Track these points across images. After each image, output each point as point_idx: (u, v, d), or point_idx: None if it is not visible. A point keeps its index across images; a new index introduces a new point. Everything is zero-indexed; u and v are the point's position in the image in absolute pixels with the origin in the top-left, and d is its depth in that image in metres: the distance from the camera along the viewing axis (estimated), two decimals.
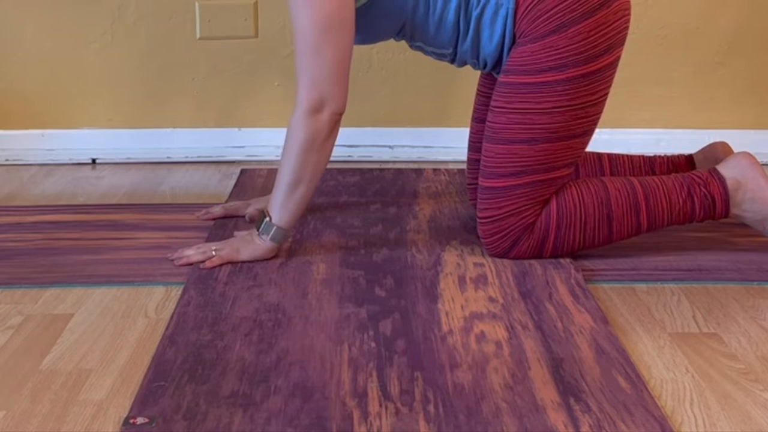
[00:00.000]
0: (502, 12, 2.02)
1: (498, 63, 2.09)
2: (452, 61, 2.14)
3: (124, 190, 2.66)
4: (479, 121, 2.29)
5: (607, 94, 2.07)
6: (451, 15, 2.04)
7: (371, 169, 2.80)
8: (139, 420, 1.47)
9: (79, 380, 1.60)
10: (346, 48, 1.98)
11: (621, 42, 2.06)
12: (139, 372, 1.63)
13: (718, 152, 2.31)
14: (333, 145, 2.03)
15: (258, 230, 2.06)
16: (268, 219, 2.05)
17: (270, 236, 2.05)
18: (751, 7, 2.85)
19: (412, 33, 2.10)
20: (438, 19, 2.05)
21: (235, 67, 2.88)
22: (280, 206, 2.04)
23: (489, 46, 2.07)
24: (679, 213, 2.10)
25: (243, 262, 2.06)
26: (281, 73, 2.87)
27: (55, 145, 2.90)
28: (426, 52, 2.15)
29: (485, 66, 2.12)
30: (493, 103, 2.08)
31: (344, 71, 1.99)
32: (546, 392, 1.55)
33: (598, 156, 2.35)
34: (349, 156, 2.91)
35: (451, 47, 2.09)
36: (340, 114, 2.00)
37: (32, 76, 2.87)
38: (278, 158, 2.06)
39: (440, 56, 2.14)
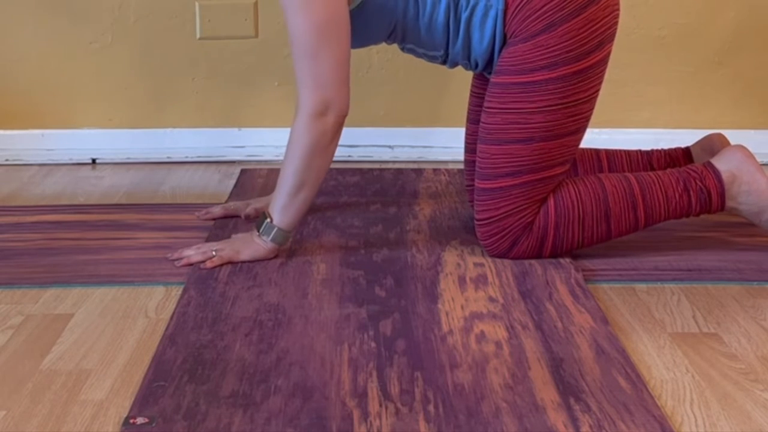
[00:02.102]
0: (491, 13, 2.03)
1: (489, 63, 2.10)
2: (444, 62, 2.14)
3: (124, 190, 2.66)
4: (474, 122, 2.29)
5: (598, 90, 2.07)
6: (440, 17, 2.04)
7: (371, 169, 2.80)
8: (139, 420, 1.47)
9: (79, 380, 1.60)
10: (345, 49, 1.98)
11: (611, 38, 2.07)
12: (139, 372, 1.63)
13: (714, 144, 2.31)
14: (336, 147, 2.03)
15: (258, 231, 2.06)
16: (269, 221, 2.05)
17: (271, 237, 2.05)
18: (751, 7, 2.85)
19: (403, 35, 2.09)
20: (428, 21, 2.05)
21: (235, 67, 2.88)
22: (282, 208, 2.04)
23: (480, 47, 2.07)
24: (676, 207, 2.10)
25: (243, 262, 2.06)
26: (281, 73, 2.87)
27: (55, 145, 2.90)
28: (417, 54, 2.15)
29: (476, 66, 2.12)
30: (486, 104, 2.08)
31: (345, 72, 1.99)
32: (546, 392, 1.55)
33: (596, 152, 2.35)
34: (349, 156, 2.91)
35: (442, 49, 2.09)
36: (345, 116, 2.01)
37: (32, 76, 2.87)
38: (278, 158, 2.07)
39: (432, 58, 2.14)
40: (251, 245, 2.06)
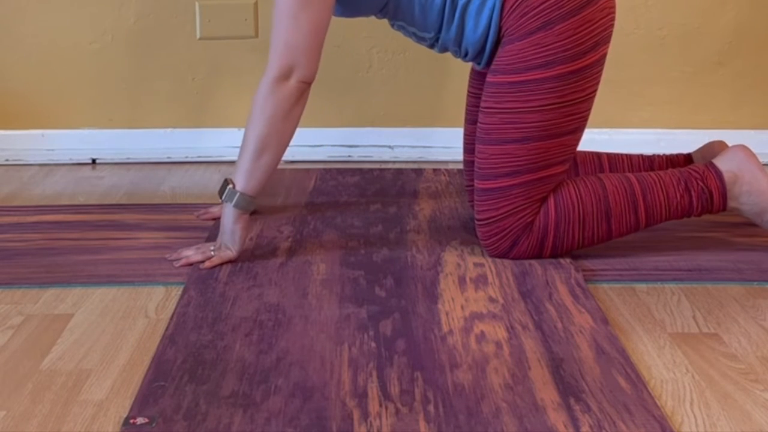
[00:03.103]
0: (489, 4, 2.03)
1: (479, 54, 2.09)
2: (432, 46, 2.14)
3: (124, 190, 2.66)
4: (472, 122, 2.29)
5: (595, 90, 2.07)
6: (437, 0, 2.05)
7: (371, 169, 2.80)
8: (139, 420, 1.47)
9: (79, 380, 1.60)
10: (324, 18, 1.99)
11: (607, 39, 2.07)
12: (139, 372, 1.63)
13: (715, 151, 2.31)
14: (300, 114, 2.02)
15: (221, 197, 2.05)
16: (231, 186, 2.04)
17: (234, 203, 2.03)
18: (751, 7, 2.85)
19: (395, 11, 2.09)
20: (424, 1, 2.05)
21: (235, 67, 2.88)
22: (246, 173, 2.02)
23: (472, 37, 2.06)
24: (677, 207, 2.10)
25: (242, 261, 2.06)
26: None
27: (55, 145, 2.90)
28: (407, 33, 2.15)
29: (466, 55, 2.11)
30: (482, 104, 2.08)
31: (319, 41, 1.99)
32: (546, 392, 1.55)
33: (598, 156, 2.35)
34: (349, 156, 2.91)
35: (433, 31, 2.09)
36: (308, 83, 2.00)
37: (32, 76, 2.87)
38: None
39: (420, 39, 2.13)
40: (225, 230, 2.04)
